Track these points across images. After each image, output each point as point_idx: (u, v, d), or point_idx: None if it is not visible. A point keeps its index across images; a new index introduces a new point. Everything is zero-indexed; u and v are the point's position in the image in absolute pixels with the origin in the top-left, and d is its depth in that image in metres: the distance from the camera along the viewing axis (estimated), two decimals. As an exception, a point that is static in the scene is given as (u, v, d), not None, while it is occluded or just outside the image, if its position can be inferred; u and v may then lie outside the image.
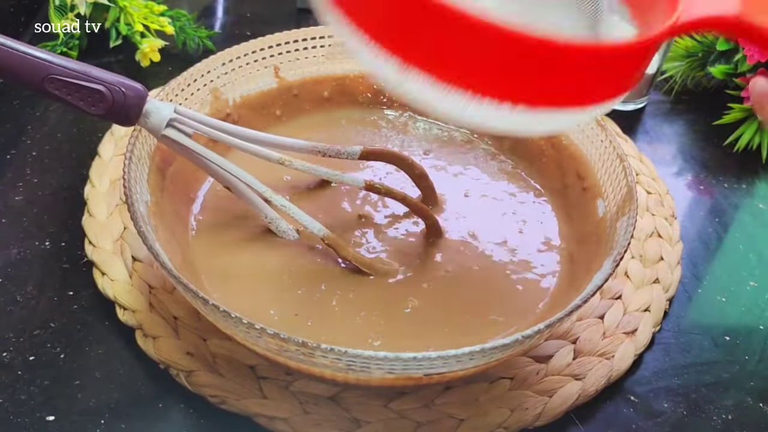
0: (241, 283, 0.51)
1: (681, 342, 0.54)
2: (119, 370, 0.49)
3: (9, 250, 0.55)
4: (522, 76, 0.37)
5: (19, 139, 0.63)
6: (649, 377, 0.51)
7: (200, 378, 0.47)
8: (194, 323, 0.50)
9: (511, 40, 0.35)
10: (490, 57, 0.36)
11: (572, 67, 0.37)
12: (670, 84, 0.75)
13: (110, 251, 0.54)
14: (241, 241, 0.53)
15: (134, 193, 0.48)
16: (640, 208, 0.61)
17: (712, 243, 0.61)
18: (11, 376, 0.47)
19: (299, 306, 0.50)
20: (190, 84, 0.55)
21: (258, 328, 0.40)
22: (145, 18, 0.69)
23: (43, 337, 0.50)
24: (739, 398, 0.51)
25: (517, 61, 0.36)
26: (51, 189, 0.59)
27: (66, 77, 0.44)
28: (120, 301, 0.51)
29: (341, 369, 0.42)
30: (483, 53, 0.36)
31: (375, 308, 0.50)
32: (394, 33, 0.37)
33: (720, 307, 0.57)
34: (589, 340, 0.52)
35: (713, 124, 0.72)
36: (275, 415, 0.46)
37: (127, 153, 0.49)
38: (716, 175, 0.68)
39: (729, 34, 0.40)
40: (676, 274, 0.57)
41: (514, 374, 0.49)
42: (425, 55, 0.37)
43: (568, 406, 0.48)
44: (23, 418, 0.46)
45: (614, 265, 0.46)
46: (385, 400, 0.48)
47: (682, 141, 0.72)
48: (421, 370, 0.42)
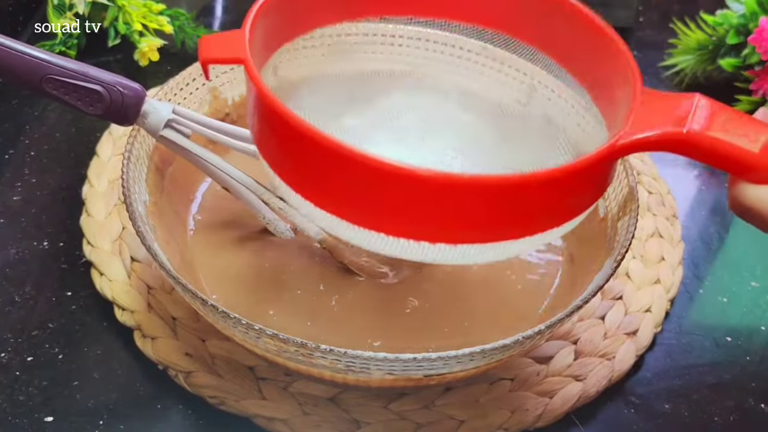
0: (240, 283, 0.51)
1: (682, 343, 0.54)
2: (118, 370, 0.49)
3: (7, 250, 0.54)
4: (454, 215, 0.37)
5: (17, 138, 0.63)
6: (650, 378, 0.51)
7: (199, 379, 0.47)
8: (193, 324, 0.50)
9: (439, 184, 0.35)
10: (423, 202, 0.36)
11: (502, 201, 0.37)
12: (681, 77, 0.75)
13: (109, 251, 0.54)
14: (240, 241, 0.53)
15: (133, 193, 0.48)
16: (642, 208, 0.60)
17: (714, 243, 0.61)
18: (9, 377, 0.47)
19: (298, 306, 0.49)
20: (188, 83, 0.55)
21: (257, 328, 0.40)
22: (144, 17, 0.69)
23: (42, 337, 0.50)
24: (740, 399, 0.50)
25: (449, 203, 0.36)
26: (49, 189, 0.59)
27: (64, 77, 0.44)
28: (118, 301, 0.51)
29: (341, 370, 0.42)
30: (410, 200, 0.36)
31: (374, 308, 0.50)
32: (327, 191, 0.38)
33: (721, 307, 0.56)
34: (589, 341, 0.51)
35: None
36: (274, 416, 0.46)
37: (125, 153, 0.49)
38: (718, 175, 0.67)
39: (678, 151, 0.39)
40: (677, 274, 0.57)
41: (515, 375, 0.49)
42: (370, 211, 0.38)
43: (569, 407, 0.48)
44: (21, 418, 0.45)
45: (615, 265, 0.45)
46: (385, 401, 0.47)
47: (683, 140, 0.72)
48: (421, 371, 0.42)
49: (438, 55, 0.51)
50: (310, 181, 0.38)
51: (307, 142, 0.36)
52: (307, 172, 0.38)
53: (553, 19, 0.46)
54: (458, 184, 0.36)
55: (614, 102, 0.42)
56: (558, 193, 0.38)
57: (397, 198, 0.36)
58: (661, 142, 0.38)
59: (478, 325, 0.50)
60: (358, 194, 0.37)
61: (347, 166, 0.36)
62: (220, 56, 0.40)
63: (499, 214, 0.37)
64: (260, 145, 0.41)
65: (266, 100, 0.37)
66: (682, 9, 0.80)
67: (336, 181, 0.37)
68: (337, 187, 0.38)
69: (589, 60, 0.45)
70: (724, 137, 0.36)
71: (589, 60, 0.45)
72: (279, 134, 0.39)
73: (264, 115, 0.39)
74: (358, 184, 0.37)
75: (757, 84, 0.69)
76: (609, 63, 0.43)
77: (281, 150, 0.39)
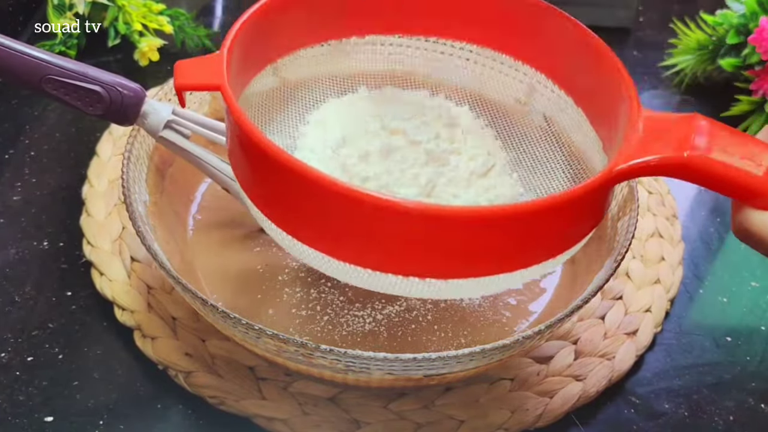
0: (240, 283, 0.51)
1: (682, 343, 0.54)
2: (118, 370, 0.49)
3: (7, 250, 0.54)
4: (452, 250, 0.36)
5: (17, 138, 0.63)
6: (650, 378, 0.51)
7: (199, 379, 0.47)
8: (193, 324, 0.50)
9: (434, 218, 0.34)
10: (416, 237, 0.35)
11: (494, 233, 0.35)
12: (680, 77, 0.75)
13: (109, 251, 0.54)
14: (240, 241, 0.53)
15: (133, 192, 0.48)
16: (641, 208, 0.60)
17: (714, 243, 0.61)
18: (9, 377, 0.47)
19: (298, 305, 0.49)
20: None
21: (257, 328, 0.40)
22: (144, 17, 0.69)
23: (42, 337, 0.50)
24: (740, 399, 0.50)
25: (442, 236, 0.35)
26: (49, 189, 0.59)
27: (63, 78, 0.44)
28: (118, 301, 0.51)
29: (341, 370, 0.42)
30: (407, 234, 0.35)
31: (374, 308, 0.50)
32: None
33: (721, 307, 0.56)
34: (590, 341, 0.51)
35: (720, 116, 0.71)
36: (274, 416, 0.46)
37: (125, 153, 0.49)
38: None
39: (678, 176, 0.37)
40: (677, 274, 0.57)
41: (515, 375, 0.49)
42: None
43: (569, 407, 0.48)
44: (21, 418, 0.45)
45: (615, 265, 0.45)
46: (385, 401, 0.47)
47: (683, 140, 0.72)
48: (421, 371, 0.42)
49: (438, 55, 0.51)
50: (293, 215, 0.37)
51: (285, 173, 0.35)
52: (288, 206, 0.37)
53: (546, 35, 0.45)
54: (447, 217, 0.34)
55: (611, 120, 0.41)
56: (554, 223, 0.36)
57: (385, 231, 0.35)
58: (661, 167, 0.36)
59: (478, 325, 0.50)
60: (342, 228, 0.36)
61: (327, 199, 0.35)
62: (196, 82, 0.39)
63: (489, 247, 0.36)
64: (239, 175, 0.40)
65: (246, 129, 0.36)
66: (682, 9, 0.80)
67: (313, 212, 0.36)
68: (315, 218, 0.36)
69: (584, 79, 0.44)
70: (726, 160, 0.35)
71: (585, 79, 0.44)
72: (255, 164, 0.37)
73: (244, 147, 0.38)
74: (340, 217, 0.35)
75: (757, 84, 0.69)
76: (605, 82, 0.41)
77: (261, 180, 0.38)
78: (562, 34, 0.44)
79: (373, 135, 0.46)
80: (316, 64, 0.49)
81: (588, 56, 0.43)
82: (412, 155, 0.45)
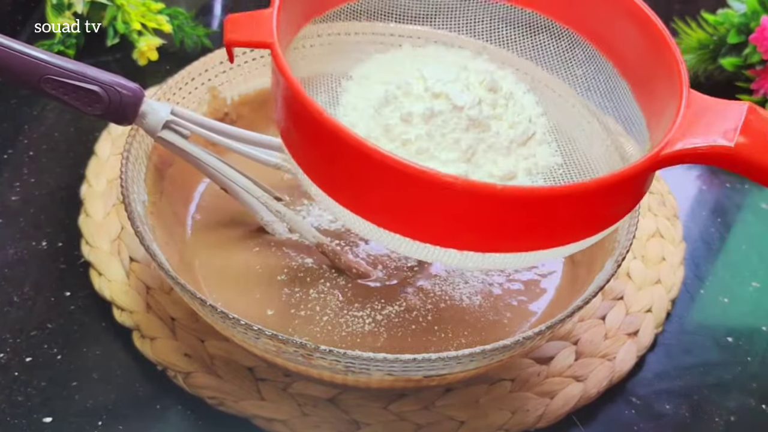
0: (239, 283, 0.51)
1: (683, 343, 0.53)
2: (116, 371, 0.48)
3: (6, 250, 0.54)
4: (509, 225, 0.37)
5: (16, 138, 0.63)
6: (651, 379, 0.51)
7: (198, 379, 0.47)
8: (192, 324, 0.50)
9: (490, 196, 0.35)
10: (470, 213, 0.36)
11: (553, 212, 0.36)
12: None
13: (107, 251, 0.54)
14: (238, 241, 0.53)
15: (131, 192, 0.48)
16: (642, 208, 0.60)
17: (715, 243, 0.61)
18: (8, 377, 0.47)
19: (297, 305, 0.49)
20: (188, 83, 0.55)
21: (256, 328, 0.40)
22: (143, 16, 0.69)
23: (40, 338, 0.49)
24: (741, 400, 0.50)
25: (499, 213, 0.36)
26: (48, 189, 0.59)
27: (62, 77, 0.44)
28: (117, 301, 0.51)
29: (340, 371, 0.42)
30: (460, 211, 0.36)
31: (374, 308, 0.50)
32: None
33: (722, 308, 0.56)
34: (590, 342, 0.51)
35: None
36: (273, 416, 0.46)
37: (124, 152, 0.49)
38: (719, 175, 0.67)
39: (725, 166, 0.37)
40: (678, 274, 0.57)
41: (515, 376, 0.49)
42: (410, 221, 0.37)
43: (570, 408, 0.48)
44: (20, 419, 0.45)
45: (616, 265, 0.45)
46: (385, 402, 0.47)
47: (683, 140, 0.71)
48: (421, 371, 0.42)
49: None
50: (335, 178, 0.38)
51: (338, 142, 0.35)
52: (335, 173, 0.37)
53: (602, 8, 0.44)
54: (498, 195, 0.35)
55: (657, 101, 0.40)
56: (596, 204, 0.37)
57: (429, 204, 0.36)
58: (709, 155, 0.35)
59: (478, 326, 0.49)
60: (392, 199, 0.37)
61: (379, 171, 0.35)
62: (246, 39, 0.38)
63: (536, 225, 0.37)
64: (287, 140, 0.39)
65: (296, 95, 0.36)
66: (683, 8, 0.80)
67: (359, 178, 0.37)
68: (365, 188, 0.37)
69: (635, 53, 0.43)
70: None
71: (636, 53, 0.43)
72: (308, 132, 0.37)
73: (294, 111, 0.37)
74: (393, 189, 0.36)
75: (758, 83, 0.69)
76: (652, 54, 0.40)
77: (312, 150, 0.38)
78: (606, 1, 0.44)
79: (416, 97, 0.46)
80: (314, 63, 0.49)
81: (634, 25, 0.42)
82: (454, 120, 0.45)
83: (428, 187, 0.35)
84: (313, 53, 0.47)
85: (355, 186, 0.37)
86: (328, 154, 0.37)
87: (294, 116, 0.38)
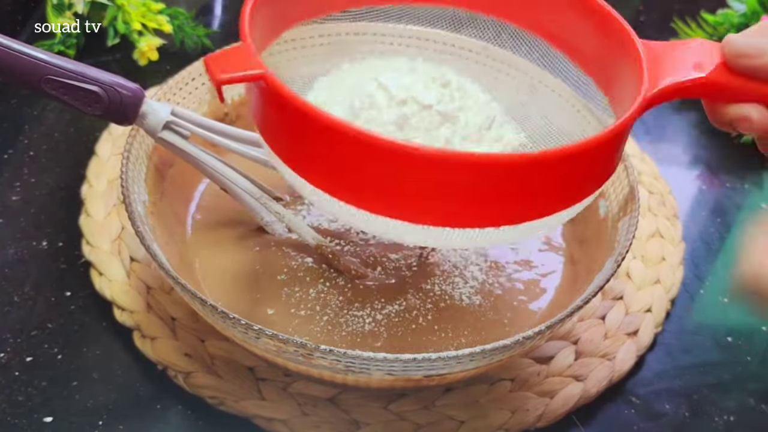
0: (239, 283, 0.51)
1: (683, 343, 0.53)
2: (117, 371, 0.48)
3: (6, 250, 0.54)
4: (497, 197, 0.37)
5: (16, 138, 0.63)
6: (650, 378, 0.51)
7: (198, 379, 0.47)
8: (192, 324, 0.50)
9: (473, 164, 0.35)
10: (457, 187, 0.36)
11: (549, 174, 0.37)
12: None
13: (108, 251, 0.54)
14: (239, 241, 0.53)
15: (132, 192, 0.48)
16: (642, 208, 0.60)
17: (715, 243, 0.61)
18: (8, 377, 0.47)
19: (297, 305, 0.49)
20: (188, 83, 0.55)
21: (256, 328, 0.40)
22: (143, 16, 0.69)
23: (41, 337, 0.49)
24: (741, 399, 0.50)
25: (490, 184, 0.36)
26: (48, 189, 0.59)
27: (62, 78, 0.44)
28: (117, 301, 0.51)
29: (340, 370, 0.42)
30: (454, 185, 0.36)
31: (374, 308, 0.50)
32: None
33: (722, 307, 0.56)
34: (590, 341, 0.51)
35: None
36: (274, 416, 0.46)
37: (124, 152, 0.49)
38: (719, 175, 0.67)
39: (702, 96, 0.40)
40: (678, 274, 0.57)
41: (515, 375, 0.49)
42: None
43: (570, 408, 0.48)
44: (20, 419, 0.45)
45: (616, 265, 0.45)
46: (385, 402, 0.47)
47: (684, 140, 0.71)
48: (421, 371, 0.42)
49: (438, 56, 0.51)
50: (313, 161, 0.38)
51: (353, 144, 0.35)
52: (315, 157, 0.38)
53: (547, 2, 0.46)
54: (494, 163, 0.35)
55: (621, 82, 0.42)
56: (591, 162, 0.38)
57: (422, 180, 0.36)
58: (691, 88, 0.38)
59: (478, 326, 0.49)
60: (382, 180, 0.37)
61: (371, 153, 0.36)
62: (236, 75, 0.37)
63: (529, 192, 0.37)
64: (277, 147, 0.40)
65: (293, 102, 0.36)
66: (682, 8, 0.80)
67: (350, 164, 0.37)
68: (353, 170, 0.37)
69: (589, 42, 0.44)
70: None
71: (590, 42, 0.44)
72: (286, 119, 0.38)
73: (286, 115, 0.38)
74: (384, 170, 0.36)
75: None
76: (608, 42, 0.42)
77: (290, 136, 0.38)
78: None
79: (384, 107, 0.46)
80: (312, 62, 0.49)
81: (585, 13, 0.44)
82: (427, 119, 0.45)
83: (410, 160, 0.35)
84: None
85: (344, 171, 0.38)
86: (300, 135, 0.38)
87: (275, 110, 0.38)
